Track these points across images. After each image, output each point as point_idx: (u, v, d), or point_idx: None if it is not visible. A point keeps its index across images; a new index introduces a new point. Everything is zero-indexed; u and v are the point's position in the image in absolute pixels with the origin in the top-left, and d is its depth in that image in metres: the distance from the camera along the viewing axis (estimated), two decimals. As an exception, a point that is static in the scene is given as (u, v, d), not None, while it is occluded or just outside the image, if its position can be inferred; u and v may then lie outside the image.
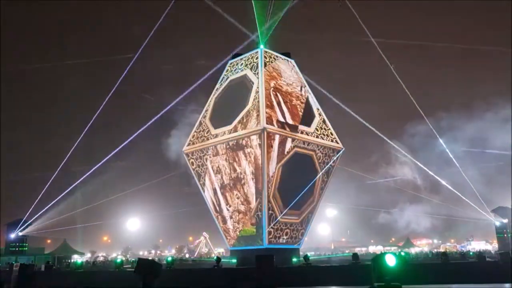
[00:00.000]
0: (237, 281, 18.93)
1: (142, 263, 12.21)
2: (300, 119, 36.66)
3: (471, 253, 44.74)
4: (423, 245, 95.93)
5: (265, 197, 32.90)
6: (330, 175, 38.47)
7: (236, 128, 35.37)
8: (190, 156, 38.91)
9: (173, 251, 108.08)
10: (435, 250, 71.25)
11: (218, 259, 24.99)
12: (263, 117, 33.48)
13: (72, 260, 52.86)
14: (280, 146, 34.17)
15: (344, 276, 17.94)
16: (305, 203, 36.23)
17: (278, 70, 37.79)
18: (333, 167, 38.58)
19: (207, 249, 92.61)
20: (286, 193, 34.38)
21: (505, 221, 52.46)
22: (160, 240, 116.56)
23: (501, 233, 54.09)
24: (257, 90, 35.39)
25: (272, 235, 33.26)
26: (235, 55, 40.34)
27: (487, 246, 78.79)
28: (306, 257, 24.37)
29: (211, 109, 39.23)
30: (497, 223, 53.33)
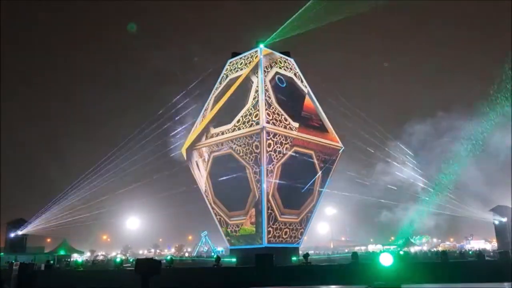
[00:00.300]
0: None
1: (141, 263, 12.25)
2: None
3: (470, 252, 44.81)
4: (423, 244, 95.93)
5: (264, 196, 32.94)
6: (330, 174, 38.50)
7: (235, 127, 35.38)
8: (190, 155, 38.92)
9: (173, 250, 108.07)
10: (434, 249, 71.29)
11: (218, 258, 25.02)
12: (263, 115, 33.50)
13: (72, 259, 52.85)
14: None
15: (344, 275, 17.97)
16: (305, 203, 36.27)
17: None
18: (333, 166, 38.61)
19: (206, 248, 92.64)
20: (286, 193, 34.43)
21: (504, 220, 52.43)
22: (160, 239, 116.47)
23: (500, 232, 54.07)
24: (257, 89, 35.40)
25: (272, 234, 33.29)
26: (235, 54, 40.33)
27: (486, 245, 78.75)
28: (305, 256, 24.37)
29: (210, 108, 39.24)
30: (496, 222, 53.32)
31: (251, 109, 34.87)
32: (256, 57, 37.50)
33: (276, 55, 38.75)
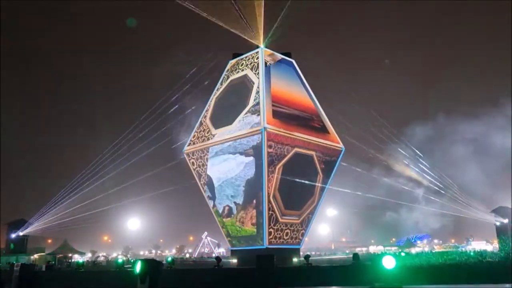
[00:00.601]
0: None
1: (143, 263, 12.23)
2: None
3: (471, 254, 44.67)
4: (423, 245, 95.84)
5: (265, 197, 32.94)
6: (331, 175, 38.50)
7: (236, 128, 35.41)
8: (191, 156, 38.96)
9: (174, 251, 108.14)
10: (435, 250, 71.16)
11: (219, 259, 24.97)
12: (264, 117, 33.52)
13: (73, 260, 52.88)
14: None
15: (345, 276, 17.94)
16: (306, 204, 36.28)
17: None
18: (334, 167, 38.61)
19: (207, 249, 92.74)
20: (287, 194, 34.43)
21: (505, 221, 52.33)
22: (161, 240, 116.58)
23: (501, 233, 53.94)
24: (258, 90, 35.44)
25: (273, 235, 33.28)
26: (236, 55, 40.38)
27: (487, 246, 78.61)
28: (306, 257, 24.34)
29: (211, 109, 39.29)
30: (497, 223, 53.22)
31: (252, 110, 34.90)
32: (257, 57, 37.54)
33: (278, 56, 38.76)
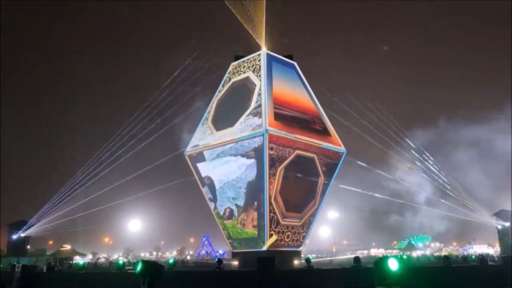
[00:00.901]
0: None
1: (144, 265, 12.22)
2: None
3: (473, 257, 44.64)
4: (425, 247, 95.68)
5: (266, 199, 32.92)
6: (333, 178, 38.46)
7: (238, 130, 35.43)
8: (192, 158, 38.96)
9: (174, 253, 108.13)
10: (437, 254, 71.11)
11: (220, 261, 24.95)
12: (265, 119, 33.54)
13: (74, 262, 52.89)
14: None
15: (346, 278, 17.89)
16: (307, 206, 36.24)
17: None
18: (335, 169, 38.58)
19: (209, 251, 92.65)
20: (288, 196, 34.41)
21: (507, 224, 52.23)
22: (162, 242, 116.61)
23: (503, 237, 53.84)
24: (260, 92, 35.46)
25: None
26: (237, 57, 40.44)
27: (489, 249, 78.49)
28: (307, 259, 24.31)
29: (213, 111, 39.33)
30: (499, 226, 53.13)
31: (253, 112, 34.93)
32: (259, 60, 37.59)
33: (281, 57, 38.80)
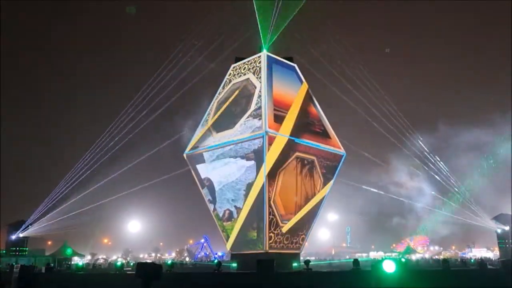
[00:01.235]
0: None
1: (142, 266, 12.22)
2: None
3: (472, 261, 44.56)
4: (423, 251, 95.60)
5: (265, 201, 32.90)
6: (332, 180, 38.45)
7: (238, 131, 35.44)
8: (192, 159, 38.95)
9: (173, 254, 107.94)
10: (436, 257, 71.04)
11: (219, 263, 24.92)
12: (265, 121, 33.55)
13: (73, 262, 52.79)
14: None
15: (345, 281, 17.87)
16: (306, 208, 36.18)
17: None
18: (335, 172, 38.57)
19: (207, 253, 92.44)
20: (287, 198, 34.39)
21: (506, 228, 52.19)
22: (161, 243, 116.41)
23: (502, 241, 53.78)
24: (260, 94, 35.48)
25: (273, 240, 33.20)
26: (238, 59, 40.46)
27: (488, 253, 78.40)
28: (307, 262, 24.28)
29: (213, 112, 39.33)
30: (499, 230, 53.06)
31: (253, 114, 34.95)
32: (259, 62, 37.61)
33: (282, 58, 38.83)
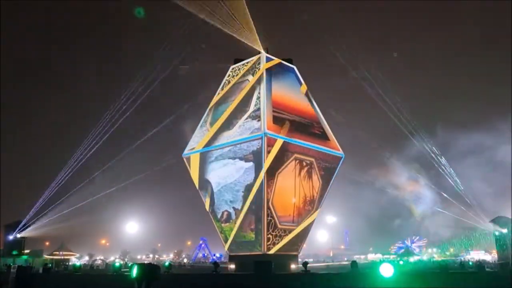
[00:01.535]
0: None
1: (140, 267, 12.17)
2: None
3: (470, 263, 44.51)
4: (422, 254, 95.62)
5: (264, 203, 32.86)
6: (331, 182, 38.42)
7: (237, 133, 35.40)
8: (190, 161, 38.88)
9: (171, 256, 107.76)
10: (434, 259, 70.94)
11: (217, 264, 24.88)
12: (264, 122, 33.53)
13: (70, 263, 52.59)
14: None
15: (343, 283, 17.86)
16: (305, 210, 36.16)
17: None
18: (333, 174, 38.54)
19: (205, 254, 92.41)
20: (285, 200, 34.36)
21: (504, 230, 52.10)
22: (159, 245, 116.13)
23: (500, 243, 53.69)
24: (259, 95, 35.46)
25: (271, 241, 33.15)
26: (237, 60, 40.43)
27: (486, 256, 78.28)
28: (305, 264, 24.25)
29: (212, 113, 39.29)
30: (497, 233, 52.98)
31: (252, 115, 34.93)
32: (259, 63, 37.61)
33: (279, 60, 38.82)
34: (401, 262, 39.04)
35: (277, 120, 34.91)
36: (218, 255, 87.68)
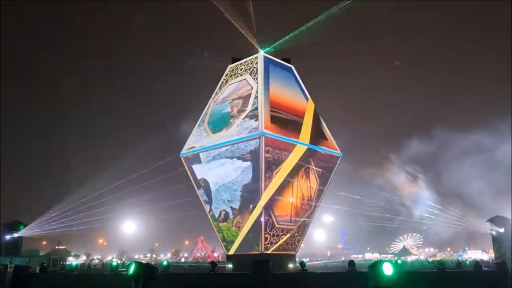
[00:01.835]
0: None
1: (138, 265, 12.13)
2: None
3: (467, 263, 44.66)
4: (418, 252, 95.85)
5: (262, 203, 32.83)
6: (329, 181, 38.44)
7: (234, 132, 35.36)
8: (188, 160, 38.83)
9: (169, 255, 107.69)
10: (431, 259, 71.23)
11: (214, 264, 24.82)
12: (262, 121, 33.49)
13: (67, 263, 52.52)
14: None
15: (340, 283, 17.86)
16: (302, 210, 36.18)
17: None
18: (331, 173, 38.56)
19: (203, 253, 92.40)
20: (283, 199, 34.34)
21: (501, 230, 52.25)
22: (156, 244, 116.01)
23: (497, 243, 53.84)
24: (256, 95, 35.42)
25: (269, 241, 33.14)
26: (234, 60, 40.37)
27: (483, 255, 78.57)
28: (302, 263, 24.23)
29: (209, 113, 39.24)
30: (494, 232, 53.14)
31: (250, 114, 34.89)
32: (256, 63, 37.56)
33: (277, 59, 38.79)
34: (399, 261, 39.09)
35: (275, 120, 34.87)
36: (215, 254, 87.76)
